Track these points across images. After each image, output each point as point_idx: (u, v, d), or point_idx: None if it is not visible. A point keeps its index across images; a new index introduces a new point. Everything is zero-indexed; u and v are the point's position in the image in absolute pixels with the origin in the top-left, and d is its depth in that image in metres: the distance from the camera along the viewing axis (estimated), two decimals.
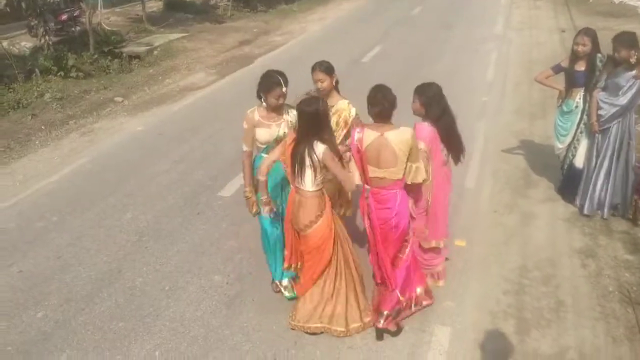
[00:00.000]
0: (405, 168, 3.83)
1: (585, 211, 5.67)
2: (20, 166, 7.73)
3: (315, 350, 4.13)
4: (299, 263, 4.26)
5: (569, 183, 5.96)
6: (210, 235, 5.71)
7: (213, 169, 7.21)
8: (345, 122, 4.43)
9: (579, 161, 5.78)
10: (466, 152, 4.64)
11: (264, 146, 4.34)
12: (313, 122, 3.82)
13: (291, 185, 4.09)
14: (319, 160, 3.80)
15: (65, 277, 5.15)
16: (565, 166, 6.00)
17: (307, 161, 3.81)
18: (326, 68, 4.50)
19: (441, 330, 4.26)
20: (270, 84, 4.19)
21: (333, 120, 4.30)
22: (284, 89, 4.20)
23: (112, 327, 4.48)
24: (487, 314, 4.44)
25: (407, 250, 4.09)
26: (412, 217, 4.10)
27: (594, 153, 5.55)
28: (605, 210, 5.61)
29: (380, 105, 3.81)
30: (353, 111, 4.47)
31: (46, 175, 7.33)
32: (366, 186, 3.98)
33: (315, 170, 3.84)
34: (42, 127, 9.08)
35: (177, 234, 5.78)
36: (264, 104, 4.26)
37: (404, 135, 3.77)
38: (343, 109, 4.46)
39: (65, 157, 7.98)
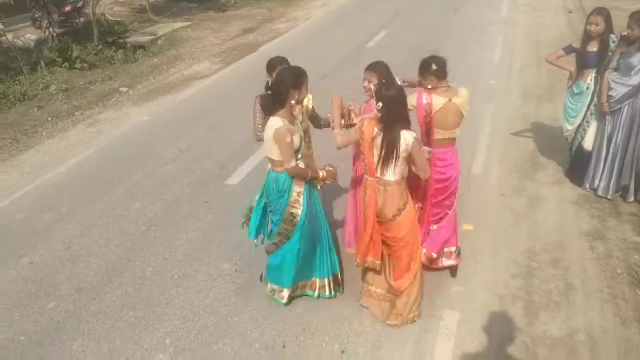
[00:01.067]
0: None
1: (600, 192, 5.64)
2: (27, 158, 7.77)
3: (324, 336, 4.15)
4: (382, 255, 4.18)
5: (578, 165, 5.92)
6: (218, 224, 5.72)
7: (220, 158, 7.21)
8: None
9: (588, 143, 5.73)
10: (473, 136, 4.63)
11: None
12: (401, 110, 3.74)
13: (368, 176, 3.95)
14: (407, 149, 3.74)
15: (75, 267, 5.20)
16: (574, 148, 5.95)
17: (397, 151, 3.72)
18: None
19: (449, 315, 4.27)
20: (298, 76, 3.93)
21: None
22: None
23: (122, 316, 4.52)
24: (495, 298, 4.44)
25: (454, 204, 4.49)
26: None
27: (605, 135, 5.49)
28: (612, 190, 5.58)
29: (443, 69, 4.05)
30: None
31: (53, 167, 7.37)
32: (427, 148, 4.08)
33: (400, 159, 3.77)
34: (49, 119, 9.11)
35: (185, 222, 5.80)
36: (293, 102, 3.92)
37: (464, 95, 4.15)
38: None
39: (72, 148, 8.02)
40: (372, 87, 4.17)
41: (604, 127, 5.50)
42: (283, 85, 3.87)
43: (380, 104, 3.68)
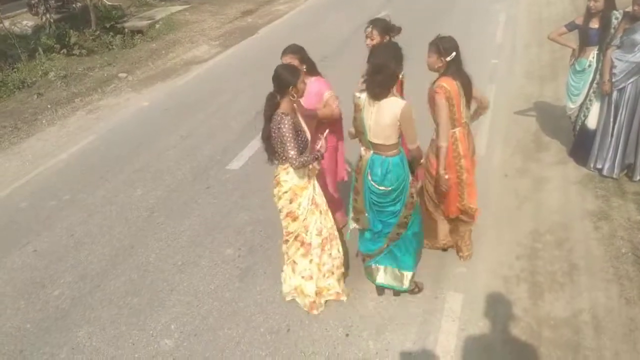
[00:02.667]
0: None
1: (605, 172, 5.60)
2: (28, 146, 7.75)
3: (328, 320, 4.16)
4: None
5: (581, 145, 5.87)
6: (220, 209, 5.71)
7: (221, 143, 7.18)
8: None
9: (592, 122, 5.68)
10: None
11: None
12: None
13: (457, 126, 4.12)
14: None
15: (79, 254, 5.20)
16: (577, 127, 5.91)
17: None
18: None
19: (454, 297, 4.27)
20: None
21: None
22: None
23: (127, 302, 4.53)
24: (499, 279, 4.43)
25: None
26: None
27: (611, 113, 5.43)
28: (617, 170, 5.54)
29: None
30: None
31: (55, 154, 7.35)
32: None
33: None
34: (48, 106, 9.07)
35: (188, 208, 5.79)
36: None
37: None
38: None
39: (72, 135, 7.99)
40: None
41: (608, 105, 5.44)
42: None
43: (453, 53, 4.00)
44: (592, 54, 5.58)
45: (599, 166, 5.66)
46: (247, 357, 3.92)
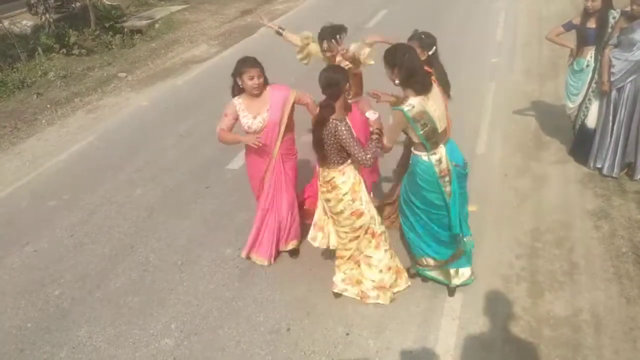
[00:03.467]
0: None
1: (605, 172, 5.58)
2: (28, 146, 7.75)
3: (328, 319, 4.16)
4: None
5: (581, 144, 5.86)
6: (220, 209, 5.71)
7: (221, 143, 7.15)
8: None
9: (591, 121, 5.68)
10: (476, 116, 4.58)
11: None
12: None
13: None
14: None
15: (79, 254, 5.20)
16: (577, 126, 5.90)
17: None
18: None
19: (454, 296, 4.27)
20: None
21: None
22: None
23: (127, 302, 4.54)
24: (499, 278, 4.43)
25: None
26: None
27: (611, 112, 5.42)
28: (617, 169, 5.53)
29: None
30: None
31: (55, 154, 7.35)
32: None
33: None
34: (48, 106, 9.07)
35: (188, 208, 5.79)
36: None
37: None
38: None
39: (72, 135, 7.99)
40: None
41: (607, 104, 5.43)
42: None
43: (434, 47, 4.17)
44: (590, 54, 5.57)
45: (598, 165, 5.65)
46: (247, 357, 3.92)
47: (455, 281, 4.26)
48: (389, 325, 4.06)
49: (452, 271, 4.24)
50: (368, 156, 3.71)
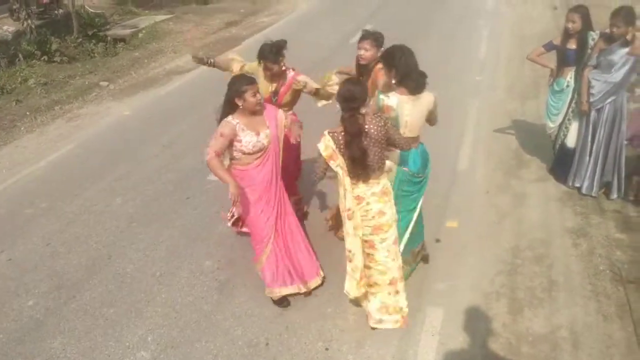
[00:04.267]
0: None
1: (584, 191, 5.65)
2: (6, 153, 7.62)
3: (307, 333, 4.12)
4: None
5: (561, 163, 5.94)
6: (200, 220, 5.66)
7: (202, 153, 7.11)
8: None
9: (571, 141, 5.76)
10: (458, 133, 4.64)
11: None
12: None
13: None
14: None
15: (55, 264, 5.11)
16: (557, 146, 5.98)
17: None
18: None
19: (434, 312, 4.26)
20: None
21: None
22: None
23: (103, 313, 4.45)
24: (480, 295, 4.44)
25: None
26: None
27: (589, 132, 5.50)
28: (596, 188, 5.61)
29: None
30: None
31: (33, 162, 7.24)
32: None
33: None
34: (27, 113, 8.94)
35: (168, 219, 5.72)
36: None
37: None
38: None
39: (51, 143, 7.88)
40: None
41: (587, 124, 5.52)
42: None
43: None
44: (570, 74, 5.66)
45: (577, 184, 5.72)
46: None
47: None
48: (368, 340, 4.04)
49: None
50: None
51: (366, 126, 3.63)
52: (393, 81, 3.91)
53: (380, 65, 4.36)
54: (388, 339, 4.03)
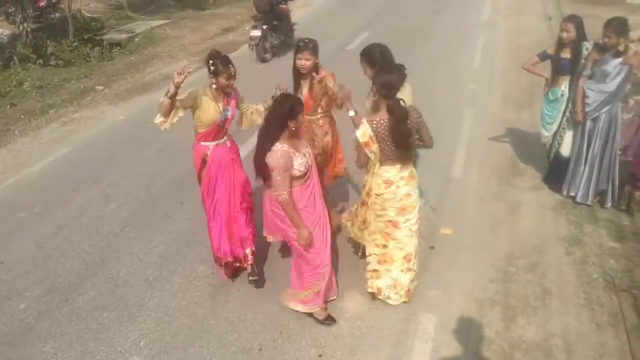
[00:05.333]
0: None
1: (579, 199, 5.68)
2: None
3: (301, 339, 4.11)
4: None
5: (555, 171, 5.97)
6: (194, 225, 5.64)
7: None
8: None
9: (565, 149, 5.79)
10: (453, 141, 4.66)
11: None
12: None
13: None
14: None
15: (47, 268, 5.08)
16: (552, 155, 6.01)
17: None
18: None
19: (427, 319, 4.27)
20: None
21: None
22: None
23: (95, 317, 4.43)
24: (473, 302, 4.45)
25: None
26: None
27: (585, 141, 5.53)
28: (591, 197, 5.64)
29: None
30: None
31: (27, 165, 7.21)
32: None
33: None
34: (22, 117, 8.92)
35: (161, 223, 5.71)
36: None
37: None
38: None
39: (46, 146, 7.85)
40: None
41: (582, 134, 5.54)
42: None
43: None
44: (565, 84, 5.71)
45: (572, 193, 5.74)
46: None
47: None
48: (361, 346, 4.03)
49: None
50: None
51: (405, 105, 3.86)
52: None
53: (325, 72, 4.51)
54: (381, 346, 4.03)
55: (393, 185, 4.04)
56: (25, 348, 4.15)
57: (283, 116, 3.70)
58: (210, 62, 4.25)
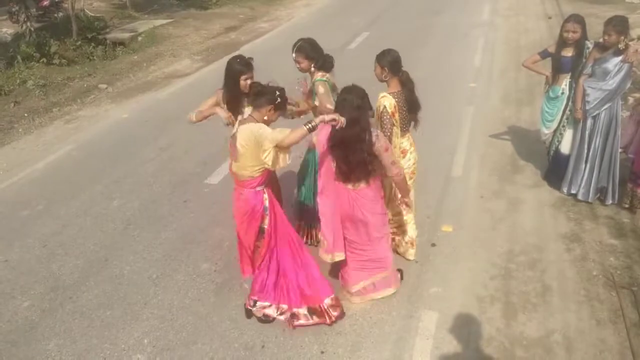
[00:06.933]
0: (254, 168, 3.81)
1: (580, 197, 5.70)
2: (3, 154, 7.63)
3: (303, 336, 4.14)
4: None
5: (555, 169, 5.99)
6: (197, 223, 5.68)
7: (200, 157, 7.16)
8: None
9: (565, 147, 5.81)
10: (453, 139, 4.68)
11: None
12: None
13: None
14: None
15: (51, 265, 5.12)
16: (552, 152, 6.03)
17: None
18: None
19: (428, 316, 4.29)
20: None
21: None
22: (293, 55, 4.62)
23: (99, 315, 4.46)
24: (474, 299, 4.47)
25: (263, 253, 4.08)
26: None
27: (585, 139, 5.55)
28: (592, 195, 5.66)
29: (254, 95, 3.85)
30: None
31: (31, 163, 7.25)
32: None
33: None
34: (25, 115, 8.96)
35: (165, 221, 5.75)
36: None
37: (246, 128, 3.72)
38: None
39: (49, 144, 7.89)
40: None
41: (582, 131, 5.56)
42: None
43: None
44: (565, 82, 5.71)
45: (573, 191, 5.76)
46: None
47: None
48: (363, 343, 4.06)
49: None
50: None
51: None
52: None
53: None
54: (383, 343, 4.06)
55: (407, 153, 4.56)
56: (29, 346, 4.19)
57: (365, 103, 3.84)
58: (278, 94, 3.84)
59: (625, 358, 3.87)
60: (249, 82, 4.24)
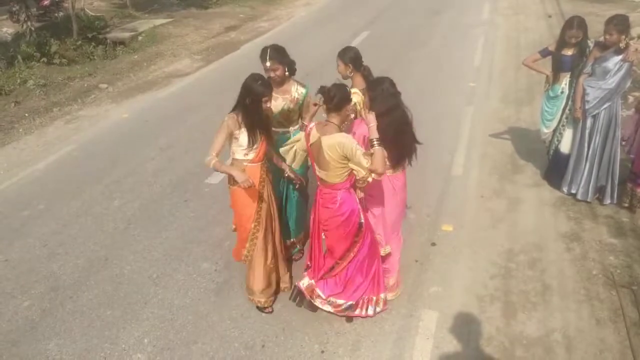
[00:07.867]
0: (344, 172, 3.76)
1: (579, 197, 5.70)
2: (4, 154, 7.63)
3: (303, 336, 4.15)
4: None
5: (555, 168, 6.00)
6: (198, 223, 5.69)
7: (200, 156, 7.10)
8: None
9: (565, 146, 5.82)
10: (453, 138, 4.65)
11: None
12: None
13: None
14: None
15: (51, 265, 5.12)
16: (551, 151, 6.04)
17: None
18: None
19: (428, 315, 4.30)
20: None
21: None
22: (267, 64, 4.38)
23: (99, 314, 4.47)
24: (474, 298, 4.48)
25: (356, 249, 3.99)
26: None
27: (586, 139, 5.56)
28: (591, 194, 5.66)
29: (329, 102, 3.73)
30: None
31: (31, 163, 7.25)
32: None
33: None
34: (26, 115, 8.96)
35: (165, 221, 5.75)
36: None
37: (333, 140, 3.65)
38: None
39: (50, 144, 7.89)
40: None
41: (582, 131, 5.57)
42: None
43: None
44: (565, 81, 5.72)
45: (573, 191, 5.77)
46: None
47: None
48: (364, 343, 4.07)
49: None
50: None
51: None
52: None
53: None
54: (383, 342, 4.07)
55: None
56: (30, 345, 4.19)
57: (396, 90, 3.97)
58: (348, 89, 3.90)
59: (625, 357, 3.88)
60: (268, 104, 4.09)
